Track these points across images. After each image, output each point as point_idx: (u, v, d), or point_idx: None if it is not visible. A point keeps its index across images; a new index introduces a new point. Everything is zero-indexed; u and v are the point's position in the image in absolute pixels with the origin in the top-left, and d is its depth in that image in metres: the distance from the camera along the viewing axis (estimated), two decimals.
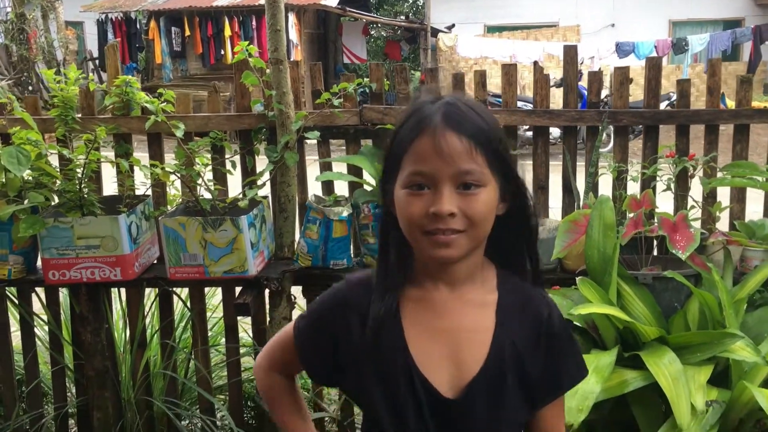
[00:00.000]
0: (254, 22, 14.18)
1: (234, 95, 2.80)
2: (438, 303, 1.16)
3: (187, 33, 14.15)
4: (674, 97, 3.02)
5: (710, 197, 2.67)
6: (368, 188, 2.66)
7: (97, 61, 14.94)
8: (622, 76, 2.74)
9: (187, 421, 2.94)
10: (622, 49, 13.96)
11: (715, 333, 2.05)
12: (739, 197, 2.68)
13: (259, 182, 2.66)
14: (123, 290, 2.81)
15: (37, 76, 13.42)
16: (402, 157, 1.10)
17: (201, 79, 13.92)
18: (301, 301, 2.81)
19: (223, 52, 14.11)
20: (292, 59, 2.60)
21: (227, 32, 13.99)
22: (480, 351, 1.15)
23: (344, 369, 1.20)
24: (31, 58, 13.65)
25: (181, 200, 2.72)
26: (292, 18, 13.99)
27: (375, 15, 18.59)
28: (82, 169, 2.47)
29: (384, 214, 1.20)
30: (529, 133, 3.26)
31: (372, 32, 19.43)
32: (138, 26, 14.49)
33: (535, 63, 2.78)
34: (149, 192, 2.74)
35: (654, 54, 13.14)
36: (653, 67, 2.67)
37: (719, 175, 2.56)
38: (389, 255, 1.18)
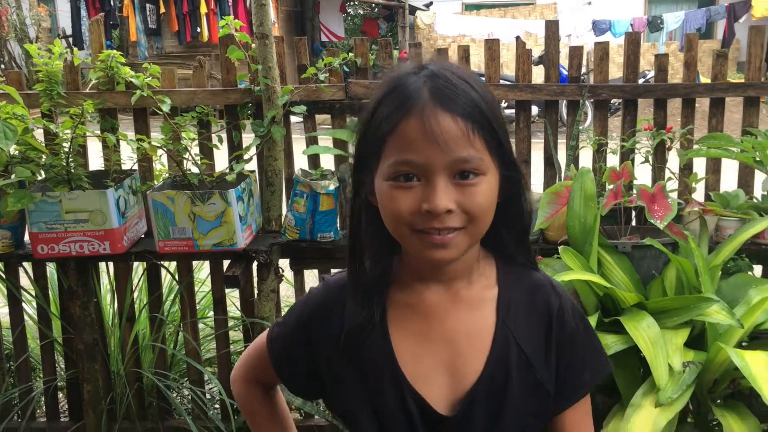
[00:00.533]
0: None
1: (210, 71, 2.81)
2: (429, 305, 1.03)
3: (162, 10, 13.95)
4: (650, 75, 3.09)
5: (687, 169, 2.75)
6: None
7: (71, 39, 14.69)
8: (602, 51, 2.80)
9: (176, 393, 2.99)
10: (598, 27, 14.03)
11: (691, 298, 2.13)
12: (714, 169, 2.76)
13: (246, 156, 2.69)
14: (111, 265, 2.84)
15: (9, 54, 13.18)
16: (383, 142, 0.93)
17: (177, 56, 13.77)
18: (288, 274, 2.86)
19: (199, 30, 13.95)
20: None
21: (203, 9, 13.82)
22: (479, 357, 1.02)
23: (324, 382, 1.08)
24: (3, 35, 13.39)
25: (167, 175, 2.74)
26: None
27: None
28: (68, 143, 2.48)
29: (355, 205, 1.03)
30: (509, 111, 3.32)
31: (349, 10, 19.30)
32: (112, 3, 14.25)
33: (518, 38, 2.83)
34: (135, 167, 2.76)
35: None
36: (632, 42, 2.73)
37: (695, 147, 2.63)
38: (363, 252, 1.04)
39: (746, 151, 2.41)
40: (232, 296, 2.97)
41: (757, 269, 2.71)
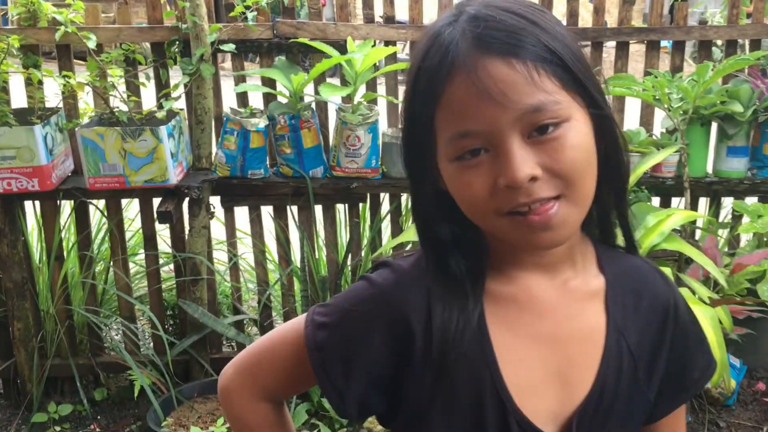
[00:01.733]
0: None
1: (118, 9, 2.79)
2: (537, 298, 0.83)
3: None
4: (563, 23, 3.25)
5: None
6: (283, 100, 2.77)
7: None
8: None
9: (108, 330, 3.03)
10: None
11: None
12: (619, 108, 2.98)
13: (175, 94, 2.72)
14: (38, 204, 2.83)
15: None
16: (431, 117, 0.76)
17: None
18: (219, 212, 2.92)
19: None
20: None
21: None
22: (591, 365, 0.84)
23: (395, 398, 0.85)
24: None
25: (94, 113, 2.74)
26: None
27: None
28: None
29: (420, 196, 0.85)
30: None
31: None
32: None
33: None
34: (60, 105, 2.74)
35: None
36: None
37: (602, 87, 2.83)
38: (443, 245, 0.84)
39: (647, 90, 2.63)
40: (163, 234, 3.02)
41: (656, 201, 2.97)
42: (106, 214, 2.86)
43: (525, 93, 0.71)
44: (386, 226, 3.01)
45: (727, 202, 3.10)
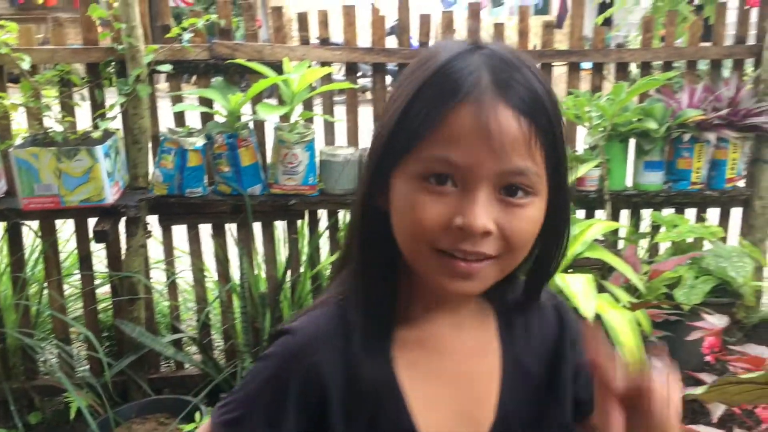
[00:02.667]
0: None
1: (46, 36, 2.78)
2: (438, 338, 0.85)
3: None
4: None
5: None
6: (220, 119, 2.81)
7: None
8: (448, 20, 3.07)
9: (42, 353, 2.98)
10: (445, 0, 14.62)
11: None
12: None
13: (111, 114, 2.72)
14: None
15: None
16: (417, 134, 0.73)
17: (9, 19, 12.77)
18: (156, 232, 2.93)
19: None
20: None
21: None
22: (491, 396, 0.86)
23: None
24: None
25: (28, 133, 2.72)
26: None
27: None
28: None
29: (365, 210, 0.82)
30: (364, 81, 3.53)
31: None
32: None
33: (372, 5, 3.04)
34: None
35: None
36: (474, 12, 3.03)
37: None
38: (375, 277, 0.82)
39: (569, 109, 2.79)
40: (99, 255, 3.00)
41: (581, 213, 3.13)
42: (40, 234, 2.83)
43: (518, 154, 0.72)
44: (324, 242, 3.08)
45: (646, 214, 3.29)
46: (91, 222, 2.72)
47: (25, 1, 13.21)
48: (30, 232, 2.89)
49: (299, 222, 2.99)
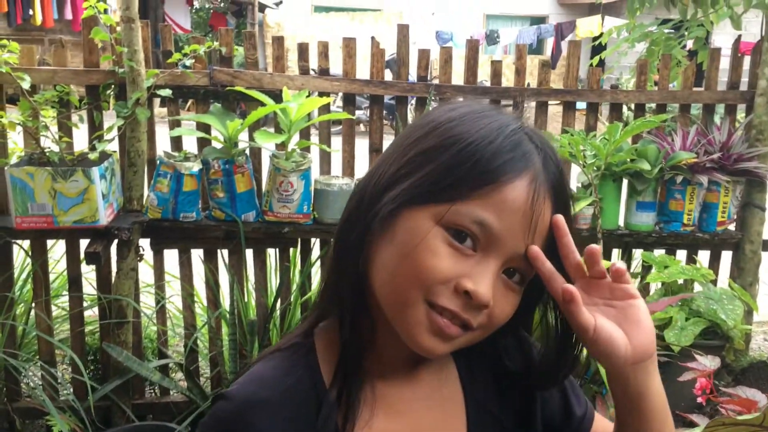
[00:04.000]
0: None
1: (42, 57, 2.79)
2: (396, 397, 0.83)
3: None
4: (486, 83, 3.44)
5: None
6: (217, 145, 2.82)
7: None
8: (446, 55, 3.11)
9: (26, 374, 2.94)
10: (441, 37, 14.82)
11: None
12: None
13: (109, 137, 2.73)
14: None
15: None
16: (473, 185, 0.72)
17: (6, 39, 12.86)
18: (148, 255, 2.92)
19: (31, 13, 13.15)
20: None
21: None
22: None
23: None
24: None
25: (24, 152, 2.72)
26: None
27: None
28: None
29: (353, 229, 0.78)
30: (361, 113, 3.55)
31: (196, 3, 18.90)
32: None
33: (372, 38, 3.07)
34: None
35: None
36: (472, 48, 3.07)
37: None
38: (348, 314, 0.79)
39: (564, 147, 2.81)
40: (88, 277, 2.98)
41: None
42: (31, 254, 2.81)
43: (538, 239, 0.74)
44: (316, 271, 3.07)
45: (637, 254, 3.31)
46: (84, 243, 2.71)
47: (23, 22, 13.27)
48: (20, 251, 2.87)
49: (291, 250, 2.99)
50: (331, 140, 3.02)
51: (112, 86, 2.75)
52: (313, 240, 3.01)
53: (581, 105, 3.27)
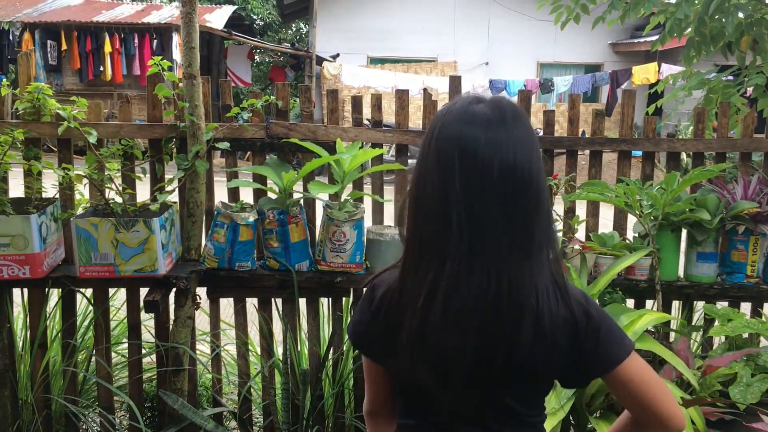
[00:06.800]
0: (136, 40, 14.01)
1: (111, 111, 2.93)
2: None
3: (64, 47, 13.76)
4: (540, 132, 3.44)
5: (570, 212, 3.10)
6: (273, 196, 2.88)
7: None
8: None
9: (85, 420, 3.00)
10: (495, 86, 14.88)
11: None
12: (593, 213, 3.12)
13: (170, 188, 2.82)
14: (26, 291, 2.87)
15: None
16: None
17: (78, 94, 13.44)
18: (204, 304, 2.97)
19: (102, 68, 13.83)
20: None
21: (107, 48, 13.74)
22: None
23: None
24: None
25: (90, 204, 2.83)
26: (176, 38, 13.91)
27: (260, 40, 18.72)
28: None
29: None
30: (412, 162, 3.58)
31: (256, 57, 19.55)
32: (11, 38, 13.88)
33: (425, 90, 3.12)
34: (57, 195, 2.84)
35: None
36: (524, 99, 3.08)
37: (577, 191, 2.98)
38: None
39: (619, 197, 2.78)
40: (147, 324, 3.05)
41: (630, 302, 3.06)
42: (93, 302, 2.90)
43: None
44: None
45: (698, 306, 3.20)
46: (143, 291, 2.78)
47: (94, 78, 13.94)
48: (83, 299, 2.97)
49: (344, 299, 3.00)
50: (384, 190, 3.05)
51: (174, 140, 2.86)
52: (365, 290, 3.01)
53: (637, 152, 3.23)
